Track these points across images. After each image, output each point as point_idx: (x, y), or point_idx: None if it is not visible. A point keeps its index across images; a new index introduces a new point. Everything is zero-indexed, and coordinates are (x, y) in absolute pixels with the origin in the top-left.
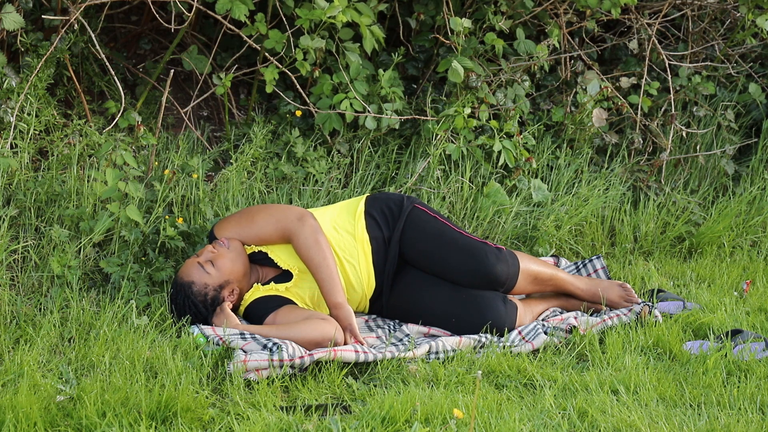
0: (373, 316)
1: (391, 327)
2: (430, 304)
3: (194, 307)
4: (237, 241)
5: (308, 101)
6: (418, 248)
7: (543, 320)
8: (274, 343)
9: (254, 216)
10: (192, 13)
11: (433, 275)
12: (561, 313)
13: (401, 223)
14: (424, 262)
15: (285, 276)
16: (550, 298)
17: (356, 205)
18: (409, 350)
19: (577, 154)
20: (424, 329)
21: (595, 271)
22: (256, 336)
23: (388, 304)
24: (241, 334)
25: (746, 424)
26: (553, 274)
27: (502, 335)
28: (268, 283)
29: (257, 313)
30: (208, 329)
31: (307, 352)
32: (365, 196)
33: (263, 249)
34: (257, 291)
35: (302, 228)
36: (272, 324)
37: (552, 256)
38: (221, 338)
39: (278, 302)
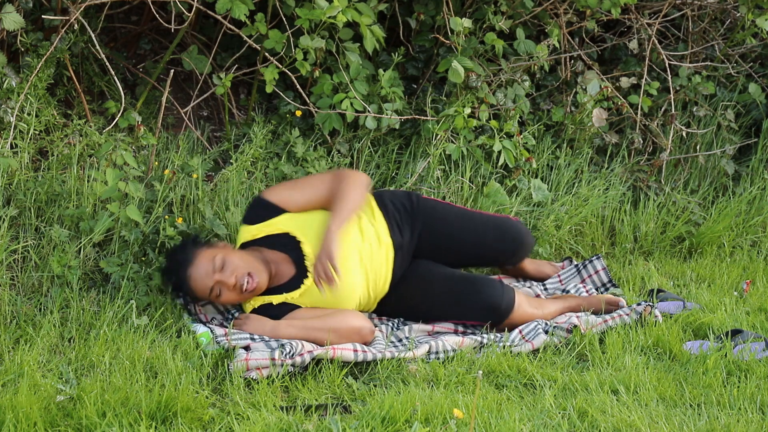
0: (374, 315)
1: (395, 325)
2: (427, 291)
3: (176, 286)
4: (264, 273)
5: (308, 101)
6: (440, 235)
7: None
8: (281, 345)
9: (312, 178)
10: (192, 13)
11: (449, 260)
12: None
13: (419, 217)
14: (446, 246)
15: (295, 281)
16: (565, 300)
17: (368, 201)
18: (410, 350)
19: (577, 154)
20: (428, 327)
21: (596, 272)
22: (266, 339)
23: (388, 300)
24: (252, 337)
25: (746, 424)
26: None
27: (501, 316)
28: (279, 292)
29: (270, 315)
30: (218, 329)
31: (307, 349)
32: (369, 194)
33: (299, 236)
34: (269, 299)
35: (355, 173)
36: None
37: (566, 259)
38: (227, 338)
39: (291, 307)
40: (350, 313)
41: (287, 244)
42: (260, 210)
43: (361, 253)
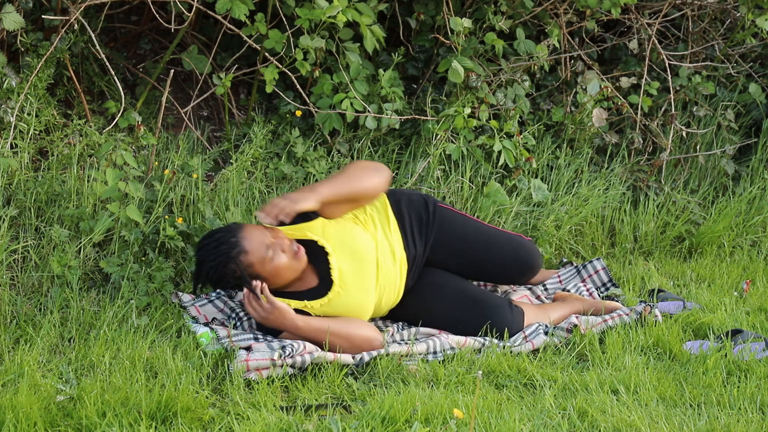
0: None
1: (399, 327)
2: (436, 311)
3: (222, 266)
4: (304, 257)
5: (308, 101)
6: (452, 248)
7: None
8: (282, 346)
9: (340, 172)
10: (192, 13)
11: (458, 272)
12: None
13: (434, 229)
14: (456, 261)
15: (317, 291)
16: (569, 304)
17: (384, 209)
18: (407, 344)
19: (577, 154)
20: (434, 331)
21: (596, 272)
22: (268, 339)
23: (397, 309)
24: (255, 337)
25: (746, 424)
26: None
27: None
28: (299, 298)
29: None
30: (221, 330)
31: (307, 350)
32: (384, 197)
33: (327, 247)
34: (287, 301)
35: (378, 164)
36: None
37: (566, 263)
38: (230, 339)
39: (305, 315)
40: (364, 324)
41: (314, 252)
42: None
43: (379, 264)
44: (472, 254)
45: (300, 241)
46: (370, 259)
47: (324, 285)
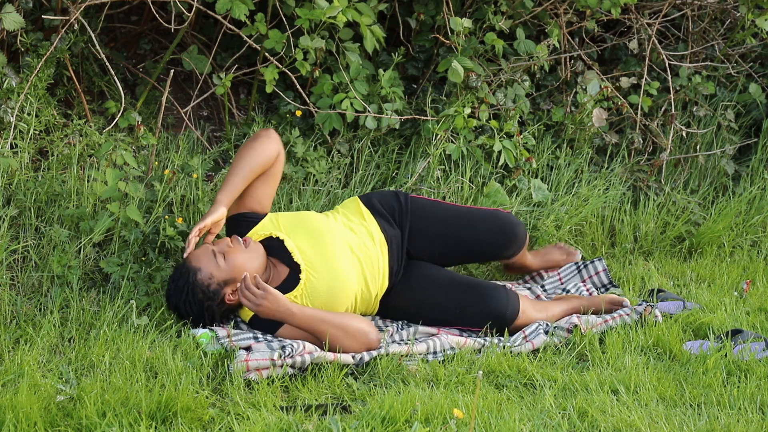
0: (377, 317)
1: (399, 326)
2: (431, 302)
3: (191, 295)
4: (258, 243)
5: (308, 101)
6: (431, 233)
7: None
8: (283, 346)
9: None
10: (192, 13)
11: (444, 258)
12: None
13: (408, 217)
14: (439, 246)
15: (291, 279)
16: (567, 301)
17: (356, 206)
18: (407, 344)
19: (577, 154)
20: (433, 330)
21: (597, 273)
22: (268, 339)
23: (392, 304)
24: (255, 337)
25: (746, 424)
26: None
27: (506, 323)
28: (283, 292)
29: (269, 320)
30: (221, 330)
31: (307, 350)
32: (356, 198)
33: (280, 235)
34: None
35: (262, 134)
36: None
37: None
38: (230, 339)
39: None
40: (359, 317)
41: (273, 245)
42: (243, 218)
43: (351, 245)
44: (453, 234)
45: (264, 243)
46: (326, 230)
47: (294, 271)
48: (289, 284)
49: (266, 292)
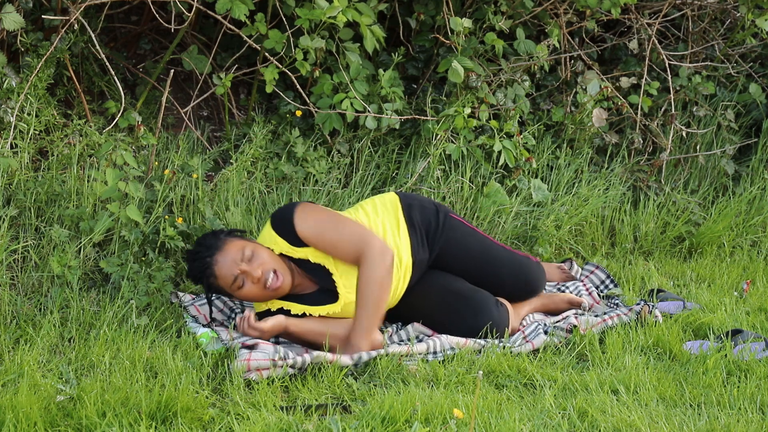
0: None
1: (398, 326)
2: (422, 309)
3: (197, 277)
4: (288, 275)
5: (308, 101)
6: (457, 265)
7: (544, 320)
8: (287, 352)
9: (342, 224)
10: (192, 13)
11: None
12: (546, 315)
13: (440, 242)
14: (458, 270)
15: (318, 296)
16: (529, 302)
17: (395, 209)
18: (407, 344)
19: (577, 154)
20: (429, 331)
21: (592, 272)
22: (272, 340)
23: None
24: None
25: (746, 424)
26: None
27: (498, 337)
28: (299, 302)
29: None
30: (222, 331)
31: (306, 351)
32: (396, 198)
33: (324, 263)
34: (288, 305)
35: (379, 263)
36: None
37: (566, 260)
38: (232, 338)
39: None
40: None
41: (316, 270)
42: (288, 232)
43: None
44: (477, 273)
45: (298, 260)
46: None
47: (324, 292)
48: (314, 299)
49: (262, 331)
